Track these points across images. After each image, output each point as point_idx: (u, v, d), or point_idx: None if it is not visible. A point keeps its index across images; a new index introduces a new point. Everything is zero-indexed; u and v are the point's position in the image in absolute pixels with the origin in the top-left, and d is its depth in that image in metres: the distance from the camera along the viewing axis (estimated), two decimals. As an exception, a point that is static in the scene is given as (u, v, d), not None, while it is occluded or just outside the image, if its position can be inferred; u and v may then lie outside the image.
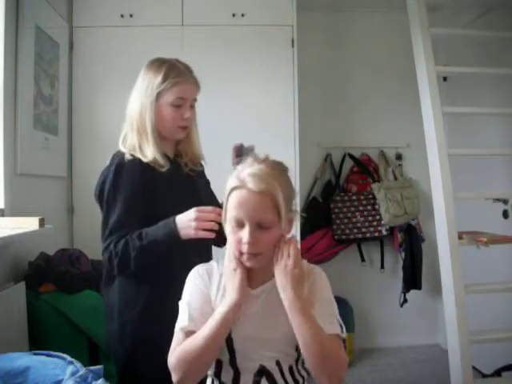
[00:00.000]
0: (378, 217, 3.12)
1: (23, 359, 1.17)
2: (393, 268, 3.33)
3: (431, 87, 2.17)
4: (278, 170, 1.07)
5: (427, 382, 2.73)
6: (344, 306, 3.06)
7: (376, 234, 3.15)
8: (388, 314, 3.28)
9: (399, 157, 3.34)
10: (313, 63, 3.15)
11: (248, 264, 1.06)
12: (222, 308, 1.03)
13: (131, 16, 2.64)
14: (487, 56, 2.68)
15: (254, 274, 1.10)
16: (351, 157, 3.29)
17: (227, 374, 1.08)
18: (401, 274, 3.19)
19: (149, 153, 1.43)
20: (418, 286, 3.16)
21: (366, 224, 3.14)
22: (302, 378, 1.13)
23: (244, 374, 1.07)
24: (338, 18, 3.30)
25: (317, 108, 3.20)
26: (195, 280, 1.13)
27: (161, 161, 1.43)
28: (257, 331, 1.07)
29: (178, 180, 1.48)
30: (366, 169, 3.26)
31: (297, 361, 1.11)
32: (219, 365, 1.09)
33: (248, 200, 1.02)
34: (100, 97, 2.64)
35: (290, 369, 1.10)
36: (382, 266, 3.25)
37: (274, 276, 1.07)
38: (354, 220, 3.14)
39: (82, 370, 1.11)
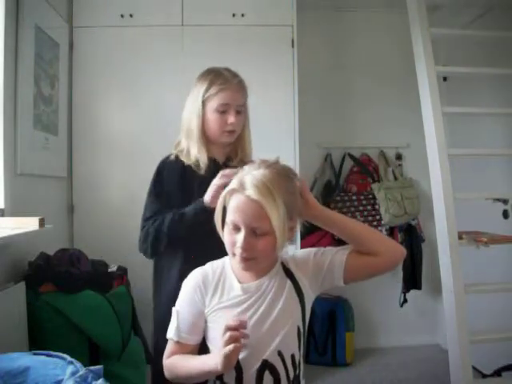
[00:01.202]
0: (377, 217, 3.12)
1: (23, 359, 1.16)
2: (393, 268, 3.33)
3: (431, 87, 2.17)
4: (283, 176, 1.07)
5: (427, 382, 2.73)
6: (344, 306, 3.06)
7: (376, 234, 3.14)
8: (388, 314, 3.28)
9: (399, 157, 3.34)
10: (313, 63, 3.15)
11: (240, 267, 1.08)
12: (206, 361, 1.05)
13: (131, 16, 2.63)
14: (487, 56, 2.68)
15: (253, 271, 1.12)
16: (351, 157, 3.29)
17: (230, 374, 1.08)
18: (401, 274, 3.19)
19: (193, 154, 1.55)
20: (418, 286, 3.17)
21: (366, 224, 3.14)
22: (299, 364, 1.13)
23: (246, 371, 1.07)
24: (338, 18, 3.30)
25: (317, 108, 3.20)
26: (192, 293, 1.13)
27: (202, 164, 1.54)
28: (259, 326, 1.08)
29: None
30: (365, 169, 3.26)
31: (299, 349, 1.12)
32: None
33: (245, 206, 1.03)
34: (100, 97, 2.64)
35: (292, 357, 1.10)
36: (382, 266, 3.25)
37: (268, 272, 1.12)
38: (353, 220, 3.13)
39: (82, 370, 1.11)
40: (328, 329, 2.99)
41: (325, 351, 2.99)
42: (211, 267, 1.16)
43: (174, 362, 1.11)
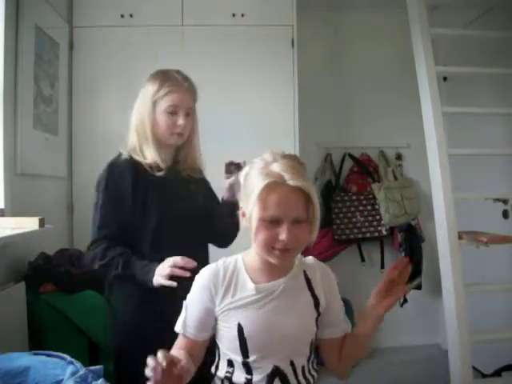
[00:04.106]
0: (378, 217, 3.12)
1: (23, 359, 1.16)
2: (393, 268, 3.33)
3: (431, 87, 2.17)
4: (302, 165, 1.06)
5: (427, 382, 2.73)
6: (344, 306, 3.06)
7: (376, 234, 3.15)
8: (388, 314, 3.25)
9: (399, 157, 3.34)
10: (313, 63, 3.15)
11: (278, 261, 1.04)
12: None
13: (131, 16, 2.64)
14: (487, 56, 2.68)
15: (272, 269, 1.08)
16: (351, 157, 3.29)
17: (240, 376, 1.07)
18: (401, 274, 3.19)
19: (149, 155, 1.52)
20: (418, 286, 3.16)
21: (366, 224, 3.14)
22: (313, 377, 1.13)
23: (257, 375, 1.06)
24: (339, 18, 3.30)
25: (317, 108, 3.20)
26: (201, 292, 1.10)
27: (161, 164, 1.51)
28: (271, 328, 1.05)
29: (171, 184, 1.52)
30: (366, 169, 3.26)
31: (308, 360, 1.11)
32: (231, 365, 1.08)
33: (289, 196, 1.01)
34: (100, 97, 2.64)
35: (303, 368, 1.09)
36: (382, 266, 3.25)
37: (289, 271, 1.10)
38: (354, 220, 3.14)
39: (82, 370, 1.11)
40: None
41: (325, 351, 2.99)
42: (223, 265, 1.12)
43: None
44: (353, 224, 3.13)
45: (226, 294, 1.09)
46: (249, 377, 1.06)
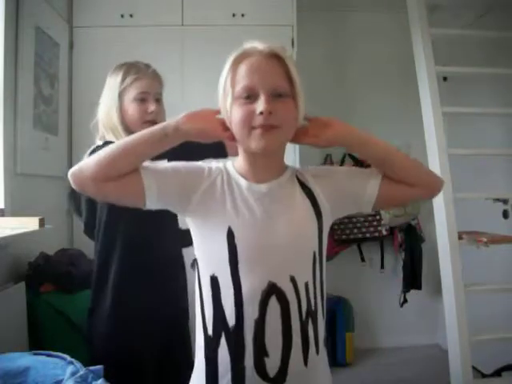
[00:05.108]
0: (378, 217, 3.12)
1: (23, 359, 1.17)
2: (393, 268, 3.33)
3: (431, 87, 2.17)
4: (284, 47, 0.99)
5: (427, 381, 2.73)
6: (344, 306, 3.06)
7: (376, 234, 3.14)
8: (388, 314, 3.28)
9: (399, 157, 3.33)
10: (313, 63, 3.14)
11: (261, 143, 0.91)
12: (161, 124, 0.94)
13: (131, 16, 2.64)
14: (487, 56, 2.68)
15: (260, 169, 0.97)
16: (351, 157, 3.28)
17: (227, 292, 0.91)
18: (401, 274, 3.19)
19: None
20: (418, 286, 3.17)
21: (366, 224, 3.14)
22: (322, 299, 0.99)
23: (247, 289, 0.91)
24: (339, 17, 3.30)
25: (317, 108, 3.19)
26: (197, 169, 0.98)
27: None
28: (265, 232, 0.93)
29: None
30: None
31: (314, 278, 0.96)
32: (215, 282, 0.93)
33: (262, 63, 0.93)
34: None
35: (306, 286, 0.94)
36: (382, 266, 3.25)
37: (281, 174, 0.99)
38: (354, 220, 3.13)
39: (82, 370, 1.11)
40: (328, 329, 2.98)
41: (325, 351, 2.99)
42: (215, 167, 1.00)
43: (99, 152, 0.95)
44: (353, 224, 3.13)
45: (216, 191, 0.96)
46: (238, 295, 0.90)
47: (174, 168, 0.97)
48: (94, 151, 1.44)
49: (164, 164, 0.97)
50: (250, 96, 0.91)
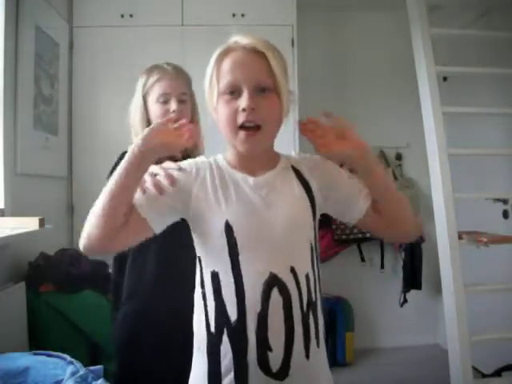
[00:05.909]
0: (378, 217, 3.12)
1: (23, 359, 1.17)
2: (393, 268, 3.33)
3: (431, 87, 2.17)
4: (268, 41, 0.99)
5: (427, 382, 2.73)
6: (344, 306, 3.06)
7: (376, 234, 3.14)
8: (388, 314, 3.28)
9: (399, 157, 3.34)
10: (313, 63, 3.15)
11: (245, 147, 0.93)
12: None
13: (131, 16, 2.64)
14: (487, 56, 2.68)
15: (253, 163, 0.98)
16: (351, 157, 3.28)
17: (229, 285, 0.91)
18: (401, 274, 3.19)
19: None
20: (418, 286, 3.17)
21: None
22: (315, 291, 0.97)
23: (249, 281, 0.90)
24: (339, 17, 3.30)
25: (317, 107, 3.18)
26: (184, 176, 0.97)
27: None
28: (263, 224, 0.93)
29: None
30: (366, 169, 3.26)
31: (313, 268, 0.96)
32: (216, 278, 0.93)
33: (245, 58, 0.94)
34: (100, 97, 2.64)
35: (307, 277, 0.94)
36: (382, 266, 3.25)
37: (275, 164, 1.00)
38: (354, 220, 3.13)
39: (82, 370, 1.11)
40: (328, 329, 2.99)
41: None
42: (206, 162, 1.00)
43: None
44: (353, 224, 3.13)
45: (207, 188, 0.96)
46: (240, 289, 0.90)
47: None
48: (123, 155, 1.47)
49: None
50: (234, 92, 0.93)
